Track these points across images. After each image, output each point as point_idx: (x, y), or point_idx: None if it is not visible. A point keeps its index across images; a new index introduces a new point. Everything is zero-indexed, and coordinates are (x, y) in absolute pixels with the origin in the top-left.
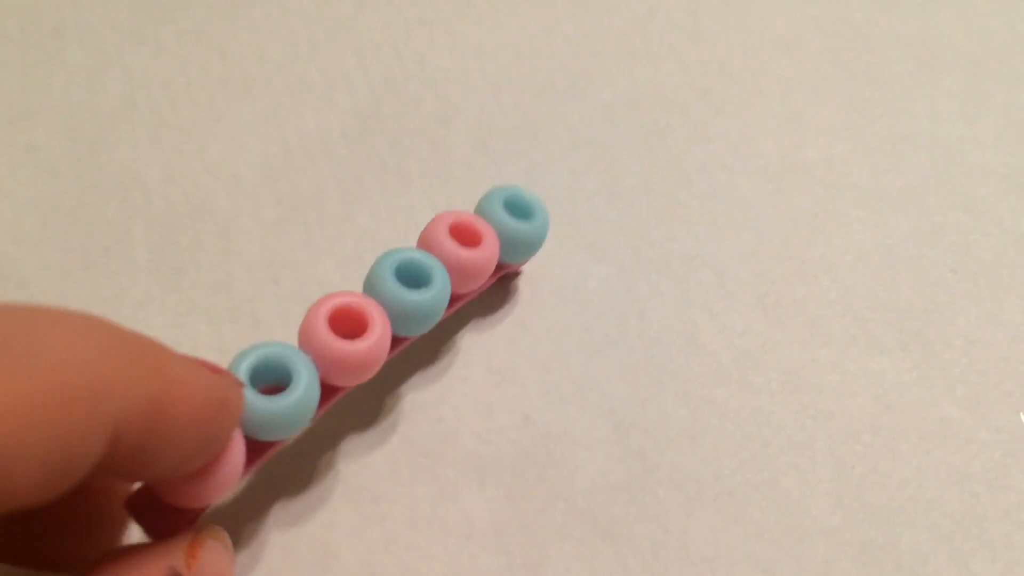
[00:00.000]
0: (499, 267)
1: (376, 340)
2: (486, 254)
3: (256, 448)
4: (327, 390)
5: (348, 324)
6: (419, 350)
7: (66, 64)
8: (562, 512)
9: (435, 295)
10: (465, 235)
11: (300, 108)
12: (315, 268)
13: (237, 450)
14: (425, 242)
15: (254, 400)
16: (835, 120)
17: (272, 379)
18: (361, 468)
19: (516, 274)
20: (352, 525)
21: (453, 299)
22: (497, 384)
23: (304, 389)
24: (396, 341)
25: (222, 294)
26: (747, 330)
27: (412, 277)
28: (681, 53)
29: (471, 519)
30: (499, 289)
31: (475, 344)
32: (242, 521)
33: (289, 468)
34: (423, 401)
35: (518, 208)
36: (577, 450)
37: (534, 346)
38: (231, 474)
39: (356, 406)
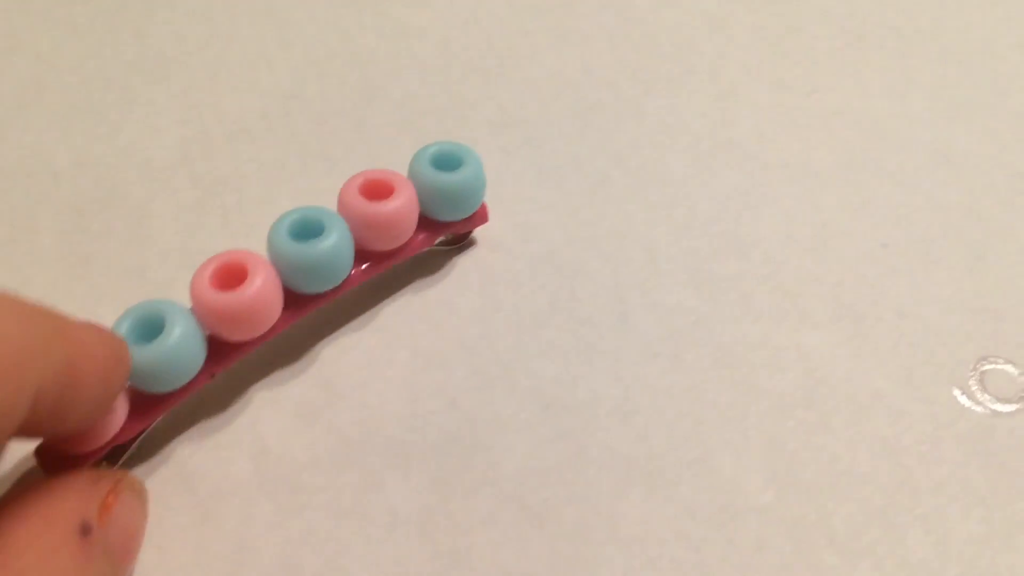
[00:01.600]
0: (438, 226)
1: (255, 290)
2: (396, 206)
3: (148, 401)
4: (221, 347)
5: (232, 279)
6: (344, 331)
7: None
8: (489, 498)
9: (326, 249)
10: (376, 190)
11: (218, 89)
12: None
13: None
14: (338, 200)
15: (132, 351)
16: (765, 97)
17: (156, 335)
18: (279, 458)
19: (466, 239)
20: (269, 518)
21: (372, 256)
22: (423, 368)
23: (175, 338)
24: (304, 300)
25: (134, 280)
26: (678, 307)
27: (309, 232)
28: (610, 31)
29: (395, 508)
30: (433, 264)
31: (402, 325)
32: (154, 513)
33: (202, 458)
34: (347, 385)
35: (446, 161)
36: (505, 434)
37: (461, 327)
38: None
39: (275, 390)
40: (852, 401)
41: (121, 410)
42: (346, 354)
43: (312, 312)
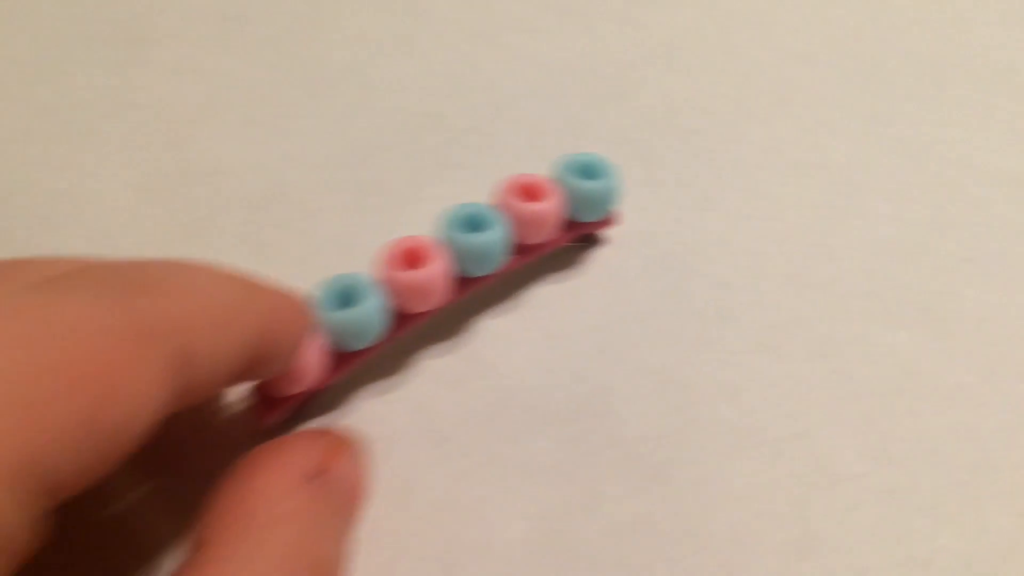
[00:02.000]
0: (576, 225)
1: (434, 270)
2: (548, 207)
3: (342, 357)
4: (400, 316)
5: (412, 259)
6: (492, 312)
7: (152, 64)
8: (614, 457)
9: (492, 238)
10: (530, 192)
11: (366, 107)
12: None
13: (315, 352)
14: (495, 198)
15: (329, 313)
16: (853, 127)
17: (350, 302)
18: (434, 414)
19: (597, 238)
20: (428, 461)
21: (522, 248)
22: (556, 346)
23: (369, 305)
24: (466, 281)
25: (303, 267)
26: (777, 306)
27: (475, 224)
28: (712, 65)
29: (534, 459)
30: (569, 259)
31: (540, 309)
32: None
33: (372, 410)
34: (491, 357)
35: (587, 170)
36: (628, 403)
37: (589, 313)
38: (311, 369)
39: (433, 358)
40: (938, 391)
41: (320, 362)
42: (491, 331)
43: (471, 293)
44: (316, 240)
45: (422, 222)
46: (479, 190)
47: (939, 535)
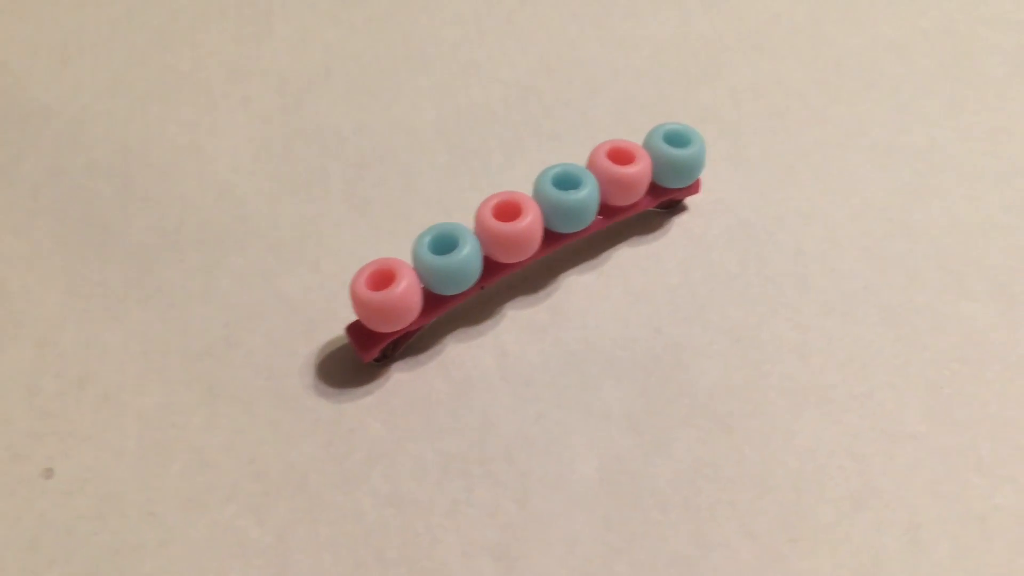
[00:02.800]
0: (662, 191)
1: (527, 224)
2: (636, 171)
3: (436, 301)
4: (492, 266)
5: (509, 213)
6: (576, 270)
7: (274, 36)
8: (686, 406)
9: (583, 197)
10: (621, 157)
11: (468, 80)
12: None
13: (414, 295)
14: (588, 161)
15: (429, 258)
16: (937, 112)
17: (449, 250)
18: (516, 359)
19: (680, 205)
20: (509, 402)
21: (610, 210)
22: (634, 302)
23: (467, 252)
24: (556, 237)
25: (402, 222)
26: (852, 274)
27: (568, 183)
28: (802, 51)
29: (609, 405)
30: (652, 223)
31: (621, 268)
32: (421, 392)
33: (459, 353)
34: (573, 310)
35: (676, 139)
36: (700, 358)
37: (668, 274)
38: (409, 310)
39: (518, 308)
40: (1003, 359)
41: (417, 305)
42: (574, 286)
43: (558, 249)
44: (416, 197)
45: (516, 185)
46: (573, 159)
47: (995, 494)
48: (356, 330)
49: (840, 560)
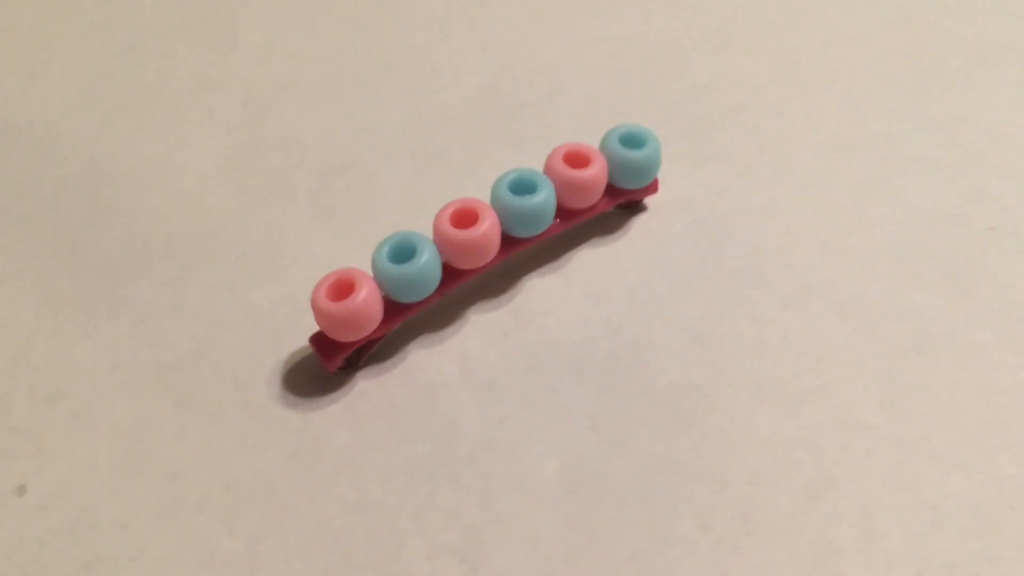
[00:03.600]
0: (619, 192)
1: (484, 230)
2: (592, 174)
3: (397, 309)
4: (452, 272)
5: (465, 220)
6: (535, 272)
7: (239, 46)
8: (645, 404)
9: (539, 202)
10: (577, 160)
11: (431, 85)
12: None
13: (374, 304)
14: (545, 166)
15: (388, 267)
16: (895, 104)
17: (407, 258)
18: (478, 363)
19: (639, 205)
20: (473, 405)
21: (568, 213)
22: (594, 303)
23: (425, 260)
24: (514, 242)
25: (368, 229)
26: (808, 268)
27: (524, 189)
28: (759, 45)
29: (569, 406)
30: (612, 224)
31: (581, 269)
32: (385, 398)
33: (421, 359)
34: (534, 312)
35: (631, 140)
36: (659, 356)
37: (628, 274)
38: (370, 319)
39: (479, 312)
40: (955, 350)
41: (378, 313)
42: (535, 289)
43: (519, 252)
44: (380, 204)
45: (479, 189)
46: (534, 160)
47: (948, 482)
48: (320, 340)
49: (796, 551)
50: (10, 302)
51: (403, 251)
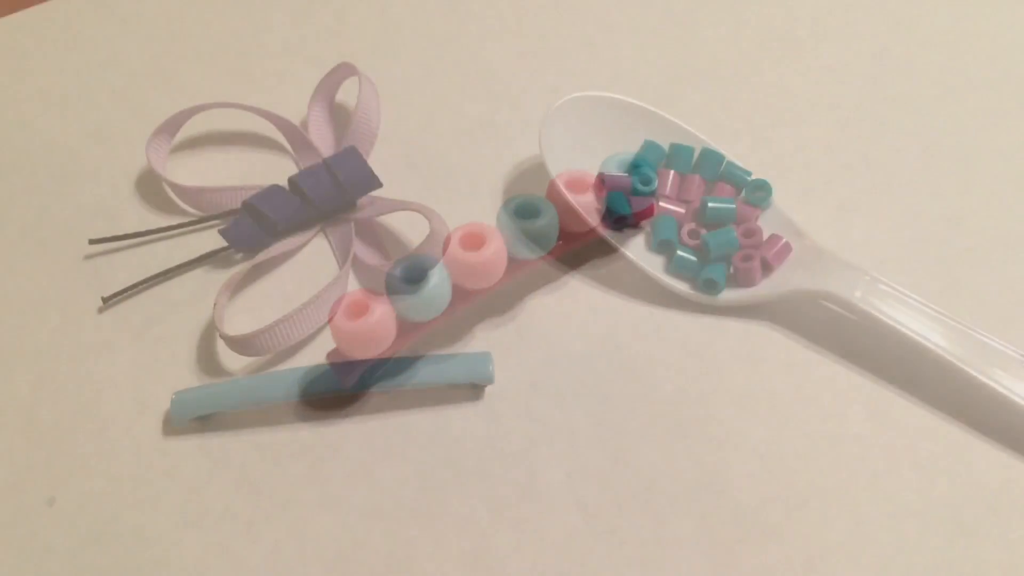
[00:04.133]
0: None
1: (491, 253)
2: (593, 200)
3: (408, 328)
4: (460, 293)
5: (474, 242)
6: (539, 292)
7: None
8: (645, 414)
9: (543, 225)
10: (578, 186)
11: (435, 116)
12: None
13: (388, 323)
14: (547, 191)
15: (401, 288)
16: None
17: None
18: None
19: (636, 227)
20: (481, 418)
21: (567, 236)
22: (595, 321)
23: (435, 282)
24: (517, 264)
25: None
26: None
27: (528, 213)
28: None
29: (574, 415)
30: (610, 247)
31: (583, 290)
32: (397, 413)
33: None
34: (539, 330)
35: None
36: (658, 370)
37: (627, 294)
38: (384, 338)
39: (486, 329)
40: (938, 365)
41: (392, 332)
42: (539, 308)
43: (522, 273)
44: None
45: (484, 213)
46: (536, 187)
47: (933, 488)
48: (336, 357)
49: (787, 554)
50: (36, 311)
51: (415, 273)
